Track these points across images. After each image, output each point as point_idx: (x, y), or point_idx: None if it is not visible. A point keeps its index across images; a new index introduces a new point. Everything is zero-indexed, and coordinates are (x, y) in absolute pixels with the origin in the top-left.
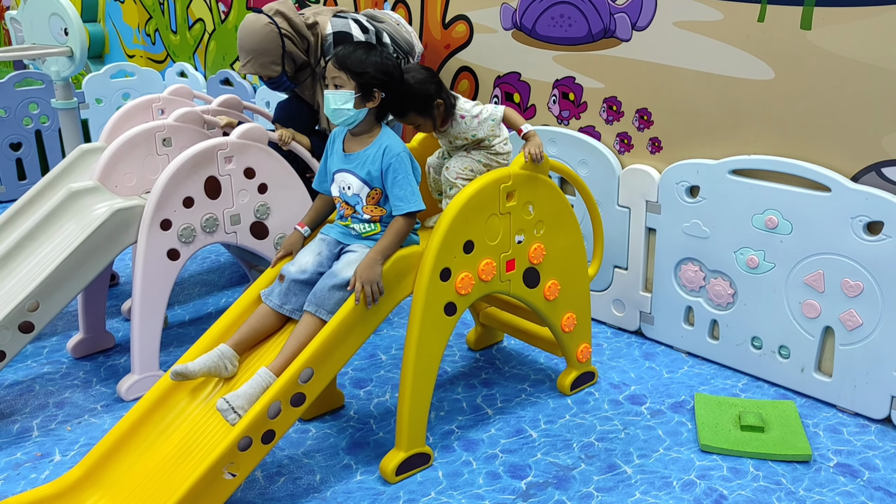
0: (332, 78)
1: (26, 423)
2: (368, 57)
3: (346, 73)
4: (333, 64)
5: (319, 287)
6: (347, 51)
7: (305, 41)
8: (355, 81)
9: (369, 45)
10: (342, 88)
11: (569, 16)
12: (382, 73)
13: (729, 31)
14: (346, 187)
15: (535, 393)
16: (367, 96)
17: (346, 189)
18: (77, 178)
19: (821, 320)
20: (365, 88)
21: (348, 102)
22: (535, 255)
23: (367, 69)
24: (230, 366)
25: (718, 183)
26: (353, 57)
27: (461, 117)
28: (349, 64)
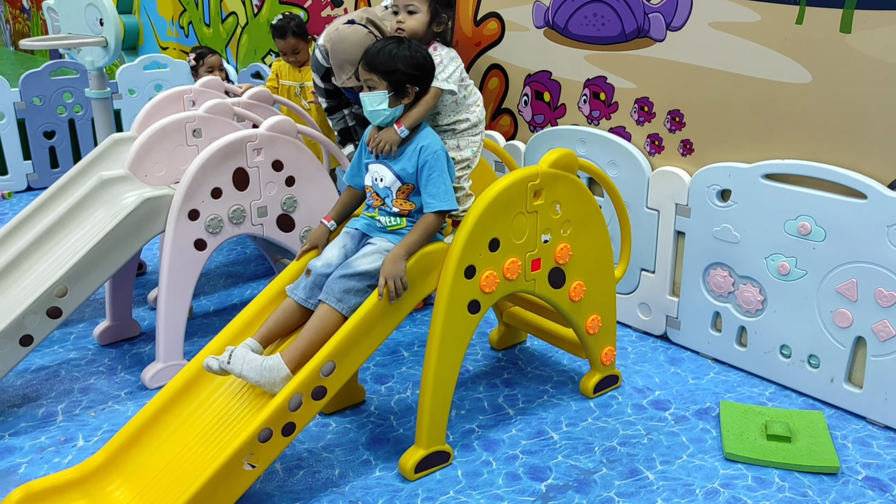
0: (364, 80)
1: (51, 408)
2: (398, 53)
3: (377, 73)
4: (363, 66)
5: (332, 276)
6: (375, 50)
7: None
8: (386, 81)
9: (398, 40)
10: (375, 89)
11: (602, 15)
12: (412, 68)
13: (766, 32)
14: (379, 179)
15: (558, 395)
16: (401, 93)
17: (378, 181)
18: (108, 167)
19: (852, 330)
20: (397, 86)
21: (383, 103)
22: (561, 254)
23: (396, 67)
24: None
25: (751, 187)
26: (381, 56)
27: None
28: (378, 64)
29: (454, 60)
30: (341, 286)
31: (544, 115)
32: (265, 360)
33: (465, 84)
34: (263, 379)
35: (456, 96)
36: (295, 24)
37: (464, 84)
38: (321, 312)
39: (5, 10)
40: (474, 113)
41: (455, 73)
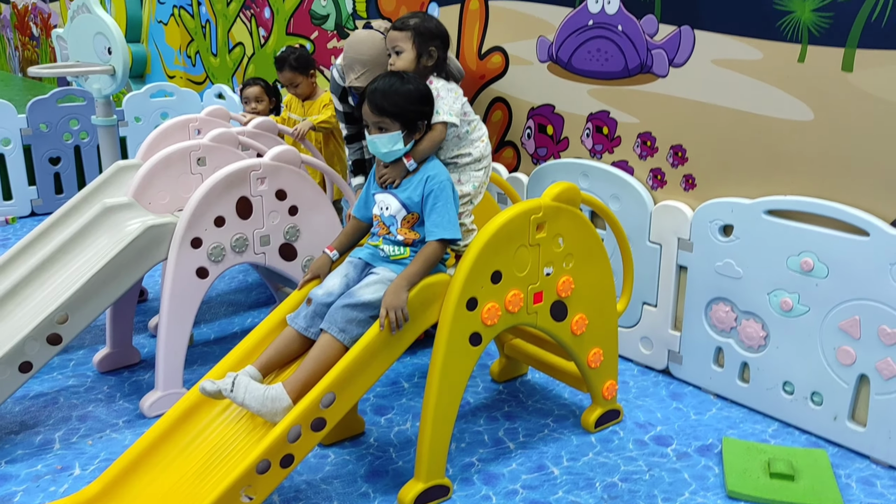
0: (373, 123)
1: (49, 435)
2: (402, 90)
3: (387, 116)
4: (371, 109)
5: (335, 305)
6: (380, 92)
7: None
8: (399, 121)
9: (397, 77)
10: (387, 131)
11: (605, 50)
12: (420, 103)
13: (768, 70)
14: (385, 208)
15: (559, 429)
16: (413, 130)
17: (384, 209)
18: (113, 194)
19: (856, 368)
20: (409, 124)
21: (398, 143)
22: (563, 288)
23: (406, 106)
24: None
25: (753, 223)
26: (389, 98)
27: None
28: (388, 107)
29: (452, 92)
30: (344, 316)
31: (547, 147)
32: (267, 389)
33: (468, 119)
34: (265, 409)
35: (458, 130)
36: (294, 57)
37: (467, 119)
38: (323, 342)
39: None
40: (477, 148)
41: (455, 105)
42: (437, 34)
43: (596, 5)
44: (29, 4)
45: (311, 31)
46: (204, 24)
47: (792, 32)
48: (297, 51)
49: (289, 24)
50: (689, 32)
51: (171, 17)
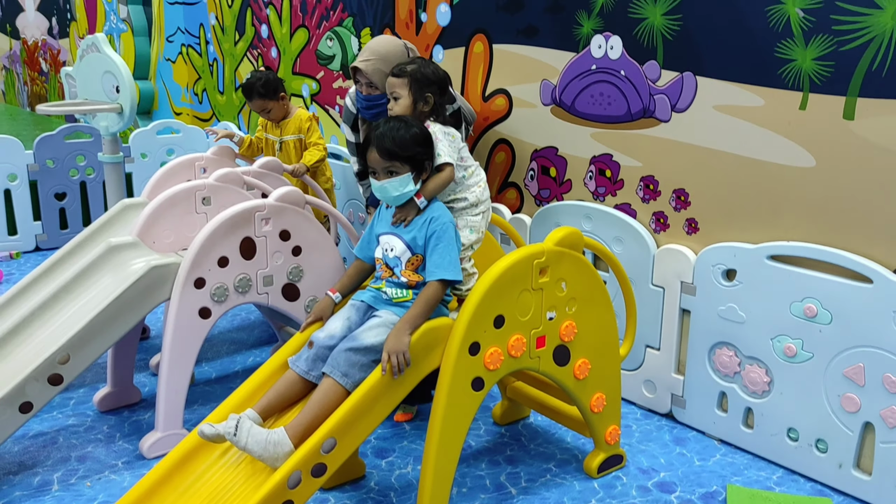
0: (383, 168)
1: (47, 476)
2: (408, 133)
3: (398, 160)
4: (381, 155)
5: (337, 349)
6: (387, 137)
7: None
8: (408, 164)
9: (400, 121)
10: (397, 174)
11: (608, 94)
12: (424, 144)
13: (770, 117)
14: (390, 249)
15: (561, 474)
16: (421, 170)
17: (388, 251)
18: (118, 232)
19: (860, 415)
20: (417, 165)
21: (409, 185)
22: (566, 332)
23: (414, 149)
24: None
25: (756, 268)
26: (397, 142)
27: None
28: (398, 151)
29: (449, 136)
30: (346, 360)
31: (550, 189)
32: (269, 434)
33: (464, 164)
34: (267, 454)
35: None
36: (261, 84)
37: (463, 164)
38: (325, 387)
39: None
40: (473, 193)
41: (452, 149)
42: (434, 80)
43: (599, 50)
44: (39, 40)
45: (317, 71)
46: (211, 62)
47: (793, 80)
48: (264, 76)
49: (295, 64)
50: (691, 78)
51: (179, 55)
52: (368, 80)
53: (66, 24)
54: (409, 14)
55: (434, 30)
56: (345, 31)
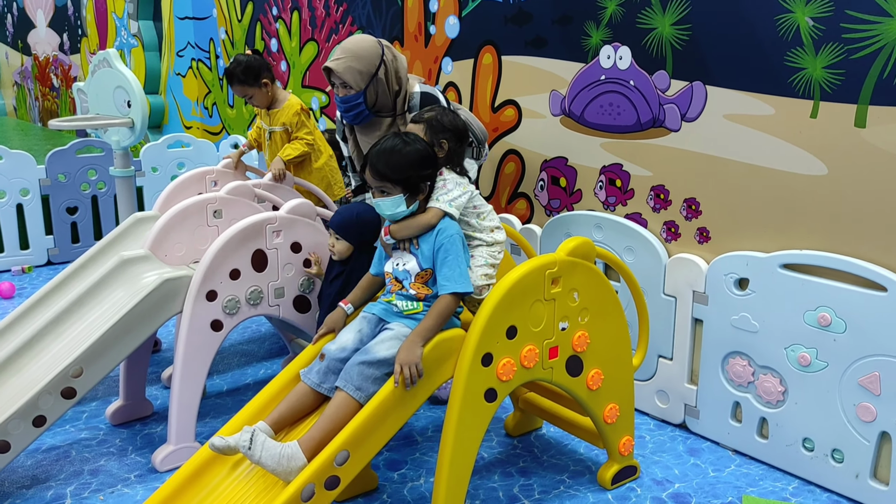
0: (376, 187)
1: (60, 490)
2: (403, 154)
3: (389, 181)
4: (372, 174)
5: (350, 363)
6: (381, 158)
7: (398, 85)
8: (400, 186)
9: (399, 139)
10: (389, 195)
11: (618, 104)
12: (421, 167)
13: (780, 125)
14: (402, 264)
15: (574, 485)
16: (415, 192)
17: (398, 265)
18: (129, 246)
19: (877, 424)
20: (410, 187)
21: (400, 206)
22: (578, 342)
23: (407, 171)
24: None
25: (769, 276)
26: (389, 164)
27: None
28: (389, 173)
29: (460, 186)
30: (360, 373)
31: (560, 199)
32: (283, 447)
33: (477, 211)
34: (280, 468)
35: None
36: (241, 69)
37: (476, 211)
38: (339, 400)
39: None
40: (490, 236)
41: (460, 199)
42: (450, 128)
43: (608, 61)
44: (50, 56)
45: (326, 85)
46: (221, 76)
47: (804, 89)
48: (245, 60)
49: (305, 77)
50: (700, 88)
51: (189, 69)
52: (342, 79)
53: (77, 40)
54: (417, 26)
55: (443, 42)
56: None
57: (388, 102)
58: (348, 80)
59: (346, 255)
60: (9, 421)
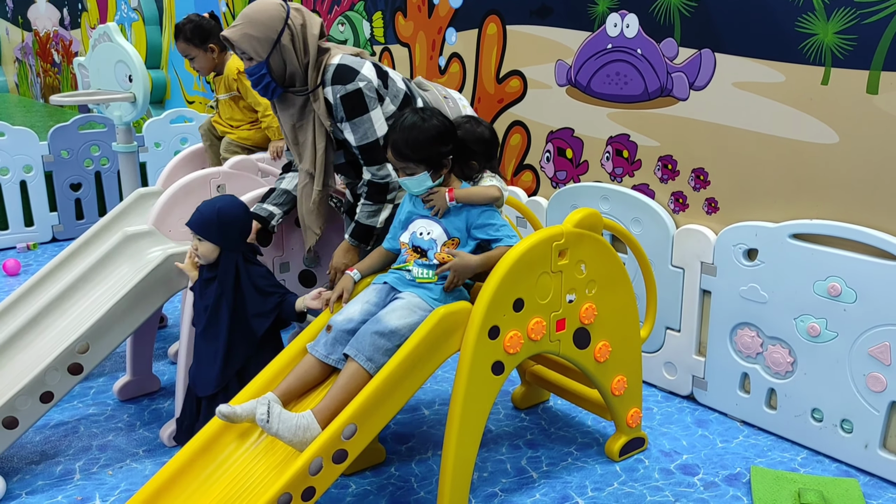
0: (399, 167)
1: (69, 465)
2: (422, 131)
3: (411, 161)
4: (395, 156)
5: (362, 331)
6: (400, 140)
7: (307, 56)
8: (423, 164)
9: (417, 116)
10: (414, 174)
11: (625, 74)
12: (441, 142)
13: (791, 93)
14: (426, 233)
15: (582, 457)
16: (438, 166)
17: (422, 235)
18: (133, 222)
19: (887, 394)
20: (433, 163)
21: (426, 183)
22: (586, 314)
23: (428, 149)
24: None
25: (778, 247)
26: (409, 144)
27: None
28: (410, 154)
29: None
30: (372, 343)
31: (566, 171)
32: (298, 418)
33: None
34: (297, 438)
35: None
36: (190, 27)
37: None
38: (350, 371)
39: (37, 64)
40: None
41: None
42: (478, 148)
43: (615, 29)
44: (51, 32)
45: None
46: None
47: (815, 55)
48: (197, 20)
49: None
50: (709, 55)
51: None
52: (241, 49)
53: (78, 15)
54: None
55: (446, 12)
56: (356, 16)
57: (299, 73)
58: (246, 48)
59: (214, 258)
60: (16, 397)
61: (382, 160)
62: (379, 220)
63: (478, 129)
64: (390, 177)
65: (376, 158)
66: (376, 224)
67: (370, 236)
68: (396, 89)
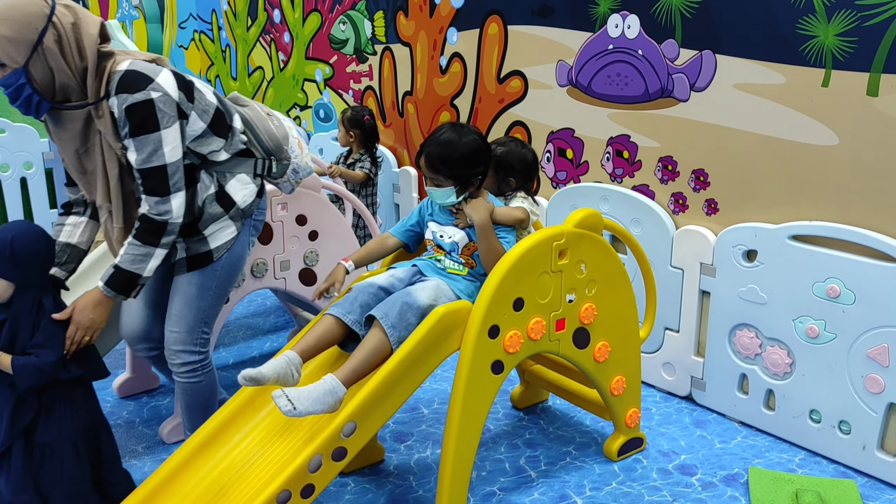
0: (429, 178)
1: None
2: (456, 153)
3: (442, 175)
4: (427, 167)
5: (393, 298)
6: (435, 155)
7: (83, 61)
8: (452, 179)
9: (455, 133)
10: (442, 186)
11: (626, 74)
12: (474, 163)
13: (791, 94)
14: (447, 237)
15: (581, 457)
16: (466, 185)
17: (443, 237)
18: None
19: (885, 396)
20: (462, 181)
21: (451, 196)
22: (585, 314)
23: (458, 167)
24: (296, 373)
25: (777, 248)
26: (443, 159)
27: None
28: (442, 168)
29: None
30: (400, 312)
31: (567, 171)
32: (320, 387)
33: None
34: (326, 406)
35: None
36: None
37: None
38: (374, 337)
39: None
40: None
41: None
42: (520, 168)
43: (616, 30)
44: None
45: (330, 56)
46: (224, 48)
47: (815, 57)
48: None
49: (308, 49)
50: (710, 57)
51: (191, 41)
52: None
53: None
54: None
55: (448, 12)
56: (358, 15)
57: (74, 83)
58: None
59: (7, 297)
60: None
61: (167, 191)
62: (147, 268)
63: (522, 150)
64: (171, 214)
65: (159, 188)
66: (142, 273)
67: (132, 287)
68: (206, 103)
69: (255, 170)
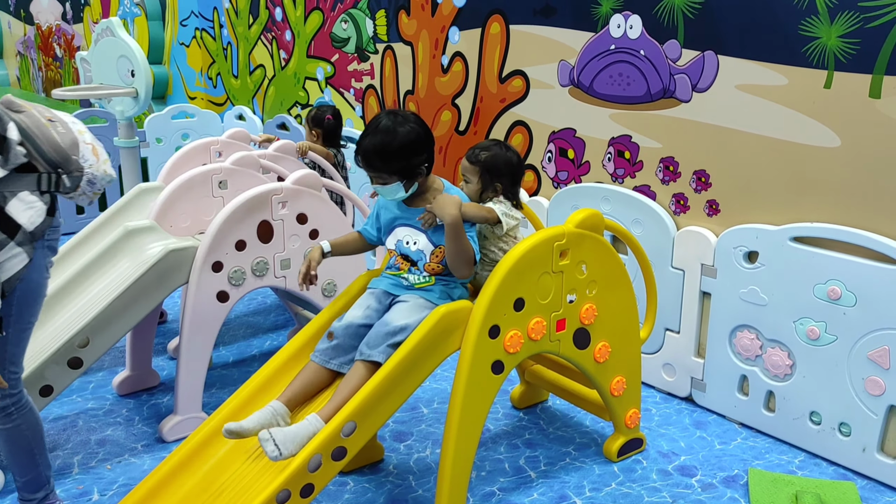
0: (372, 177)
1: (67, 460)
2: (392, 147)
3: (384, 172)
4: (366, 167)
5: (373, 334)
6: (371, 151)
7: None
8: (395, 175)
9: (390, 122)
10: (388, 183)
11: (627, 75)
12: (413, 153)
13: (794, 96)
14: (412, 243)
15: (580, 457)
16: (412, 177)
17: (409, 244)
18: (134, 217)
19: (885, 398)
20: (406, 173)
21: (399, 192)
22: (586, 315)
23: (399, 162)
24: (283, 423)
25: (779, 249)
26: (380, 156)
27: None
28: (381, 166)
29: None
30: (384, 343)
31: (568, 171)
32: (304, 428)
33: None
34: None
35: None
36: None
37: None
38: (360, 369)
39: (38, 58)
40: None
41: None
42: (507, 172)
43: (618, 30)
44: (53, 26)
45: (331, 54)
46: (225, 46)
47: (818, 58)
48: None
49: (309, 47)
50: (712, 58)
51: (193, 39)
52: None
53: (80, 9)
54: None
55: (450, 11)
56: (359, 14)
57: None
58: None
59: None
60: None
61: None
62: None
63: (507, 153)
64: None
65: None
66: None
67: None
68: None
69: (41, 186)
